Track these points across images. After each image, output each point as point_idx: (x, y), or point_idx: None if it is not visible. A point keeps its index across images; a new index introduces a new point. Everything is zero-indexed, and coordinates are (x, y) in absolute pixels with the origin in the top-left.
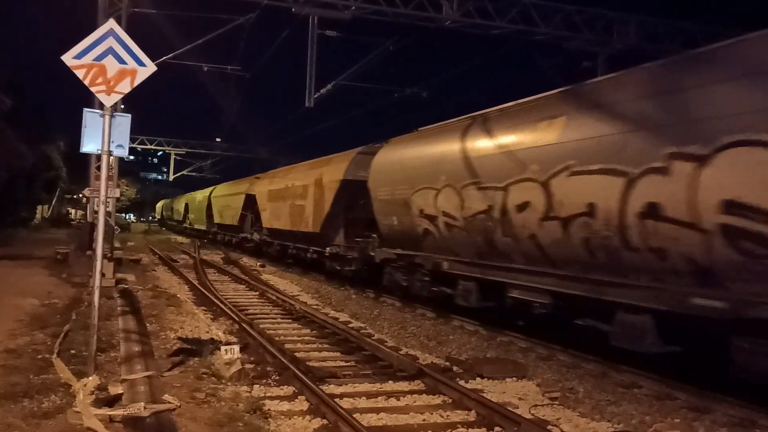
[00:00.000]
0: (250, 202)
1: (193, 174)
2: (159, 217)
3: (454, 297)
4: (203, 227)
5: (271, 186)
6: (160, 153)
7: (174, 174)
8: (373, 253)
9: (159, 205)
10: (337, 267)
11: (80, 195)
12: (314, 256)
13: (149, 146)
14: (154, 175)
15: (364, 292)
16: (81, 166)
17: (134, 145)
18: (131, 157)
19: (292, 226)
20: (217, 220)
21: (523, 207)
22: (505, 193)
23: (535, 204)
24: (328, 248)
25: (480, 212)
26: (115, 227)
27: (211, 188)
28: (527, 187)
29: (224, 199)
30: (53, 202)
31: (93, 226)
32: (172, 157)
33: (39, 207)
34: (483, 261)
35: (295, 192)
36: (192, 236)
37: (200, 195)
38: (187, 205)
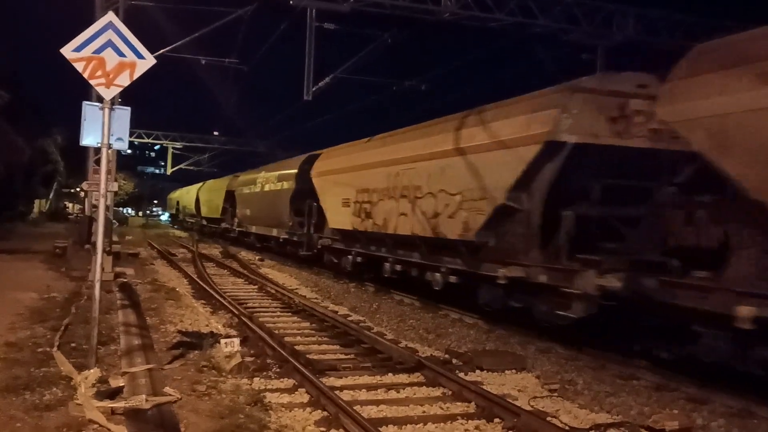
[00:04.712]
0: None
1: (191, 168)
2: (173, 212)
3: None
4: (271, 233)
5: None
6: (157, 147)
7: (172, 168)
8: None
9: (173, 195)
10: None
11: (78, 189)
12: None
13: (146, 140)
14: (151, 169)
15: (363, 285)
16: (78, 160)
17: (131, 139)
18: (128, 151)
19: None
20: (336, 223)
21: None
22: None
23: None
24: None
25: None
26: (114, 221)
27: (297, 161)
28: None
29: (374, 175)
30: (50, 197)
31: (91, 220)
32: (170, 150)
33: (36, 201)
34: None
35: None
36: (259, 250)
37: (262, 177)
38: (231, 194)
